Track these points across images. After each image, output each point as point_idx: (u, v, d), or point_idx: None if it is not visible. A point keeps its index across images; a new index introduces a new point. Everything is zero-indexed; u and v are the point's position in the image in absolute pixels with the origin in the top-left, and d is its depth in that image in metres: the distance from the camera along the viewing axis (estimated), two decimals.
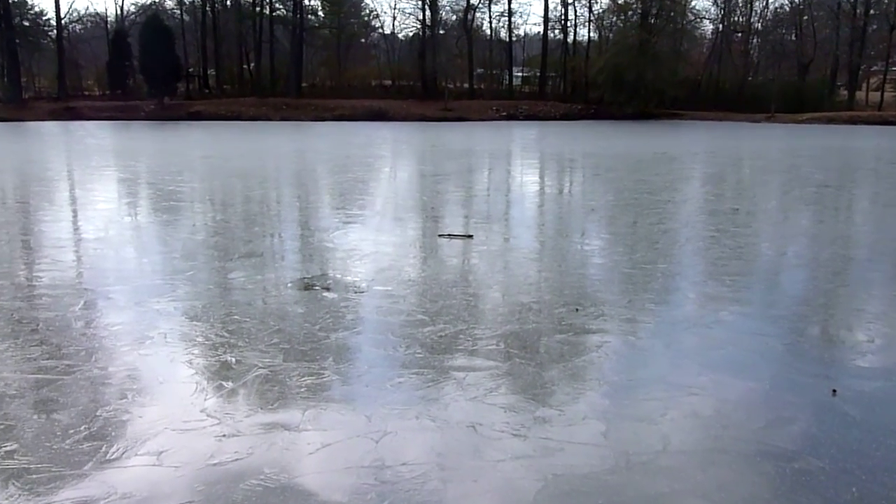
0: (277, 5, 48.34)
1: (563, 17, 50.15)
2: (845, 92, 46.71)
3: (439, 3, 48.39)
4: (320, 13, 51.38)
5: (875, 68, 48.85)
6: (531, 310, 5.17)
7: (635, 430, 3.36)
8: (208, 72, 49.60)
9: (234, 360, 4.11)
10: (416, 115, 41.20)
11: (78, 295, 5.47)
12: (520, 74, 55.22)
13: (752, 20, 49.85)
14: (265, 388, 3.76)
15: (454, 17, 50.77)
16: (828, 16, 47.57)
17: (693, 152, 20.70)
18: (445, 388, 3.79)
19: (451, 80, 50.48)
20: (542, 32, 50.93)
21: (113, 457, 3.08)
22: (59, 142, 23.74)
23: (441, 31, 49.56)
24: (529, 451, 3.17)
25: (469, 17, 49.47)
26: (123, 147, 21.77)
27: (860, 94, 47.43)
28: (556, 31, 51.52)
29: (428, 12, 48.17)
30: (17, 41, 41.77)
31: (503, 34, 52.24)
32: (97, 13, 70.83)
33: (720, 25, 50.37)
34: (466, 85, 50.64)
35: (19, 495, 2.78)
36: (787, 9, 49.45)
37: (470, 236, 7.87)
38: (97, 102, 41.20)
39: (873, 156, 20.01)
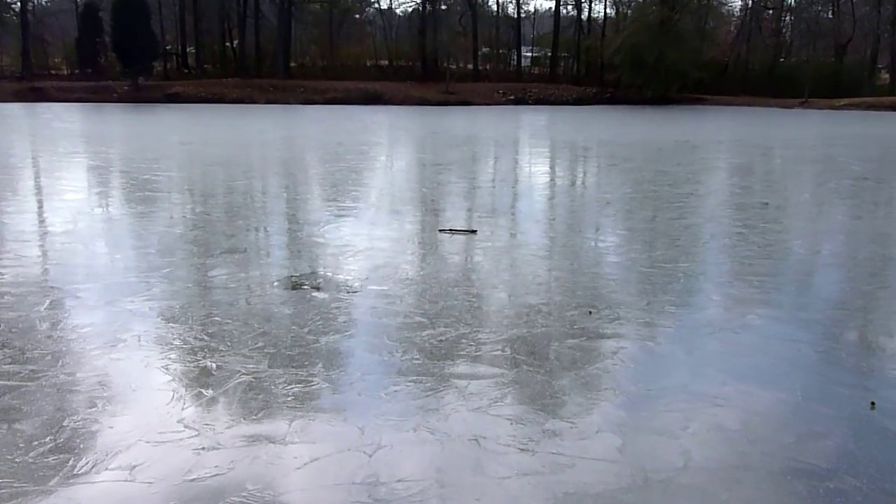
0: None
1: None
2: (887, 75, 46.65)
3: None
4: None
5: None
6: (540, 312, 5.17)
7: (653, 445, 3.35)
8: (187, 50, 49.59)
9: (214, 365, 4.11)
10: (416, 99, 41.19)
11: (43, 294, 5.45)
12: (529, 54, 55.17)
13: None
14: (248, 397, 3.75)
15: None
16: None
17: (718, 140, 20.68)
18: (446, 398, 3.78)
19: (454, 60, 50.46)
20: (553, 8, 50.88)
21: (81, 471, 3.08)
22: (24, 125, 23.73)
23: (443, 7, 49.52)
24: (538, 466, 3.16)
25: None
26: (94, 131, 21.76)
27: None
28: (569, 7, 51.50)
29: None
30: None
31: (511, 10, 52.25)
32: None
33: (749, 1, 50.29)
34: (470, 66, 50.63)
35: None
36: None
37: (473, 231, 7.86)
38: (65, 83, 41.21)
39: None
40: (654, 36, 42.41)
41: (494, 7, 52.95)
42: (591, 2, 50.68)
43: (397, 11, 54.93)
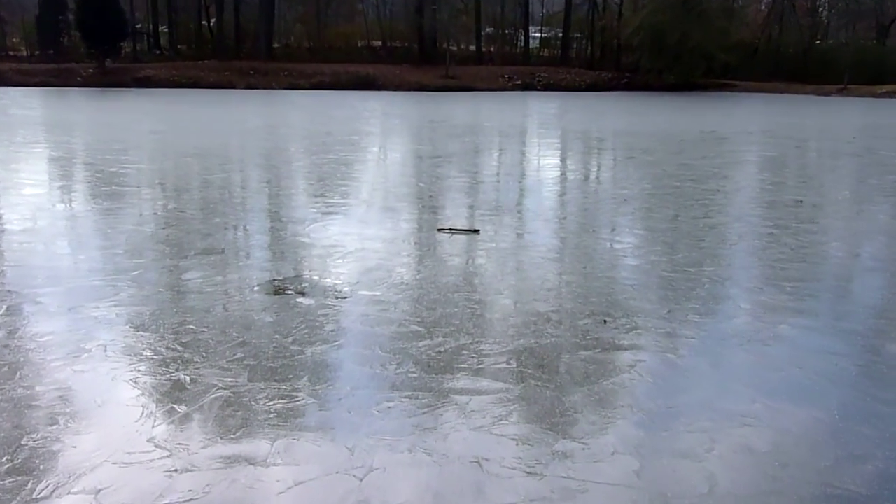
0: None
1: None
2: None
3: None
4: None
5: None
6: (549, 321, 5.19)
7: (675, 468, 3.35)
8: (160, 29, 49.60)
9: (188, 378, 4.13)
10: (412, 84, 41.22)
11: None
12: (538, 35, 55.21)
13: None
14: (226, 414, 3.76)
15: None
16: None
17: (748, 131, 20.69)
18: (445, 415, 3.79)
19: (455, 41, 50.48)
20: None
21: (41, 495, 3.07)
22: None
23: None
24: (546, 492, 3.15)
25: None
26: (56, 119, 21.77)
27: None
28: None
29: None
30: None
31: None
32: None
33: None
34: (473, 48, 50.66)
35: None
36: None
37: (476, 231, 7.89)
38: (25, 65, 41.23)
39: None
40: (677, 15, 42.40)
41: None
42: None
43: None
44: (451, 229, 7.95)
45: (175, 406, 3.81)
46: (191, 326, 4.94)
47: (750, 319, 5.32)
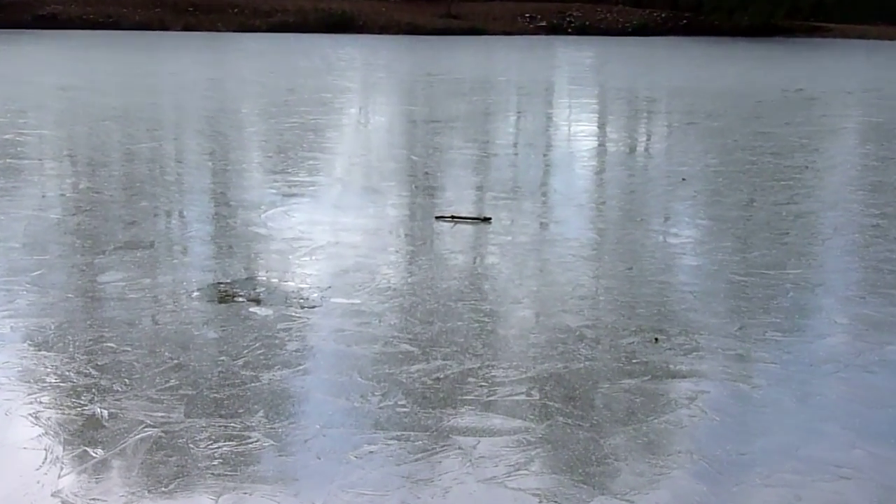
0: None
1: None
2: None
3: None
4: None
5: None
6: (583, 339, 5.15)
7: None
8: None
9: (106, 413, 4.09)
10: (403, 26, 41.15)
11: None
12: None
13: None
14: (156, 460, 3.72)
15: None
16: None
17: (845, 90, 20.62)
18: (445, 463, 3.75)
19: None
20: None
21: None
22: None
23: None
24: None
25: None
26: None
27: None
28: None
29: None
30: None
31: None
32: None
33: None
34: None
35: None
36: None
37: (486, 220, 7.87)
38: None
39: None
40: None
41: None
42: None
43: None
44: (453, 217, 7.92)
45: (88, 449, 3.77)
46: (110, 344, 4.90)
47: (848, 339, 5.27)
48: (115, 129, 12.87)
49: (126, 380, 4.46)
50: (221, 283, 6.07)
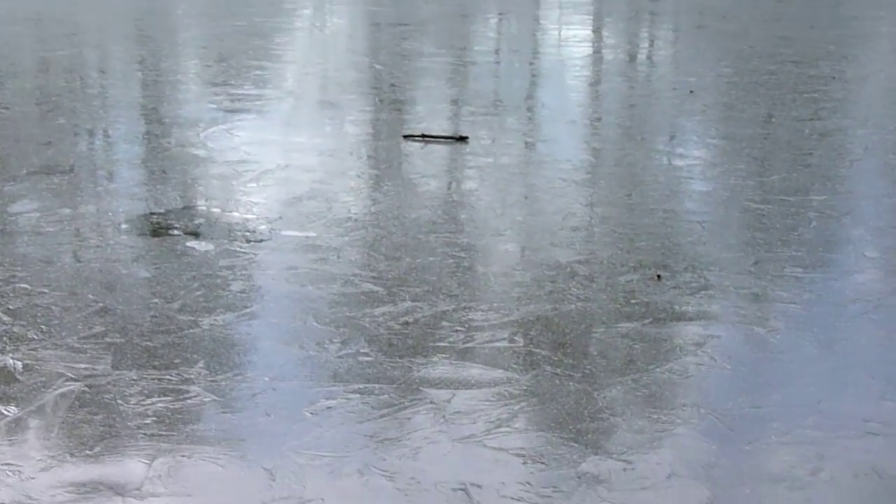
0: None
1: None
2: None
3: None
4: None
5: None
6: (575, 276, 5.03)
7: (762, 499, 3.17)
8: None
9: (20, 364, 3.97)
10: None
11: None
12: None
13: None
14: (79, 418, 3.57)
15: None
16: None
17: None
18: (415, 420, 3.61)
19: None
20: None
21: None
22: None
23: None
24: None
25: None
26: None
27: None
28: None
29: None
30: None
31: None
32: None
33: None
34: None
35: None
36: None
37: (462, 138, 7.77)
38: None
39: None
40: None
41: None
42: None
43: None
44: (424, 136, 7.81)
45: (1, 407, 3.67)
46: (23, 285, 4.78)
47: (880, 275, 5.18)
48: (25, 34, 13.01)
49: (43, 326, 4.39)
50: (154, 213, 6.02)
